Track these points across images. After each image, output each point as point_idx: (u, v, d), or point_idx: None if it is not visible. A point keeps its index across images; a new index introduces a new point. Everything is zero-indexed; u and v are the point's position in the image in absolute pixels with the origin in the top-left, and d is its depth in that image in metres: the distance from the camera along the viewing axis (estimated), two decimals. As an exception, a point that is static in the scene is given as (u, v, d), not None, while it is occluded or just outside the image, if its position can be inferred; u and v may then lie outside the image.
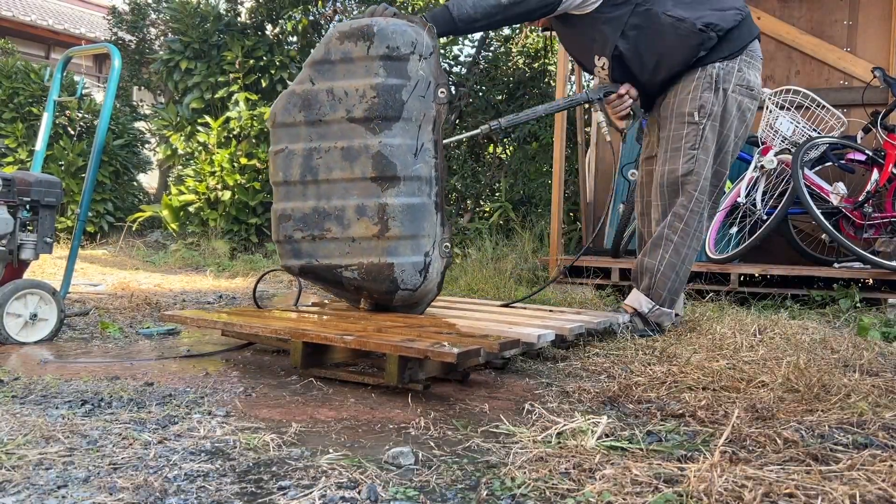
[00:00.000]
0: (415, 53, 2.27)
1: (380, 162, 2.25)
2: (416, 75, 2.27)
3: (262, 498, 1.12)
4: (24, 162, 6.72)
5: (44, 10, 14.07)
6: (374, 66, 2.25)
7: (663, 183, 2.57)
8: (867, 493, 1.11)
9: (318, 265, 2.36)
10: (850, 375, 1.95)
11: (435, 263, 2.33)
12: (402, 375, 1.79)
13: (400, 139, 2.26)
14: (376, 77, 2.25)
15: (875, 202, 3.86)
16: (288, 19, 7.12)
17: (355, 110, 2.27)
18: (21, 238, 2.44)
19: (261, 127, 6.62)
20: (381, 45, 2.25)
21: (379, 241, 2.27)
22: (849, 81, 4.58)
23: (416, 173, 2.27)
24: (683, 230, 2.54)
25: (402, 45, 2.25)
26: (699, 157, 2.51)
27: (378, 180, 2.26)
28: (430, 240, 2.31)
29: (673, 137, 2.56)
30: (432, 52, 2.31)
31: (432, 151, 2.31)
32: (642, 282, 2.63)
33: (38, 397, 1.69)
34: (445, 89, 2.32)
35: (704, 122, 2.51)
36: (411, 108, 2.26)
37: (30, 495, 1.09)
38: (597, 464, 1.25)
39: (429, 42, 2.31)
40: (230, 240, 6.59)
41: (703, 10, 2.47)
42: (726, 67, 2.52)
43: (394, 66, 2.25)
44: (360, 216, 2.28)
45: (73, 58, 2.97)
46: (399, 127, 2.26)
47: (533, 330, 2.03)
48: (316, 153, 2.33)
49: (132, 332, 2.68)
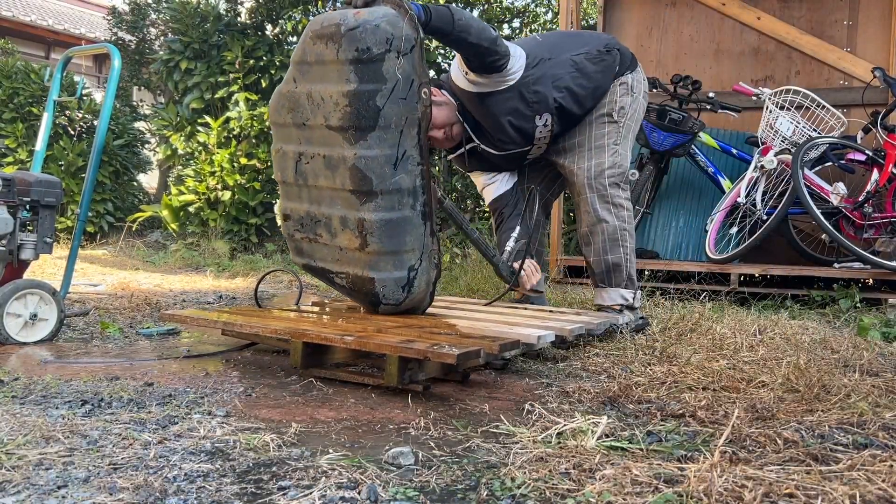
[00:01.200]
0: (391, 51, 2.01)
1: (356, 175, 2.09)
2: (392, 76, 2.03)
3: (262, 498, 1.12)
4: (24, 162, 6.72)
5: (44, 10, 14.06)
6: (345, 72, 2.03)
7: (591, 177, 2.67)
8: (867, 493, 1.11)
9: (316, 267, 2.36)
10: (850, 375, 1.95)
11: (422, 276, 2.23)
12: (402, 376, 1.79)
13: (377, 150, 2.07)
14: (348, 83, 2.03)
15: (875, 202, 3.86)
16: (288, 19, 7.11)
17: (331, 118, 2.09)
18: (21, 238, 2.44)
19: (261, 127, 6.62)
20: (350, 48, 2.00)
21: (361, 254, 2.19)
22: (849, 81, 4.57)
23: (396, 186, 2.10)
24: (628, 217, 2.70)
25: (373, 44, 1.99)
26: (621, 152, 2.71)
27: (356, 193, 2.12)
28: (415, 254, 2.19)
29: (595, 136, 2.72)
30: (413, 46, 2.05)
31: (416, 158, 2.12)
32: (615, 278, 2.68)
33: (38, 397, 1.69)
34: (427, 88, 2.10)
35: (623, 121, 2.72)
36: (389, 114, 2.04)
37: (30, 495, 1.09)
38: (597, 464, 1.25)
39: (409, 34, 2.03)
40: (230, 240, 6.59)
41: (592, 43, 2.74)
42: (636, 76, 2.78)
43: (366, 70, 2.01)
44: (344, 227, 2.19)
45: (73, 58, 2.97)
46: (375, 137, 2.06)
47: (533, 331, 2.03)
48: (304, 157, 2.22)
49: (132, 333, 2.68)
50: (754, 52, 4.86)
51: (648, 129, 4.19)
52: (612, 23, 5.24)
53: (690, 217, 4.57)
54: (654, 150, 4.22)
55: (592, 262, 2.72)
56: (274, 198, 7.16)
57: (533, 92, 2.55)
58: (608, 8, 5.24)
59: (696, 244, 4.48)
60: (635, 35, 5.18)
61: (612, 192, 2.66)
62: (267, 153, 6.63)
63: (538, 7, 7.87)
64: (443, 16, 2.23)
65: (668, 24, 5.10)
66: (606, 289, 2.70)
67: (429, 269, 2.24)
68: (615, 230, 2.66)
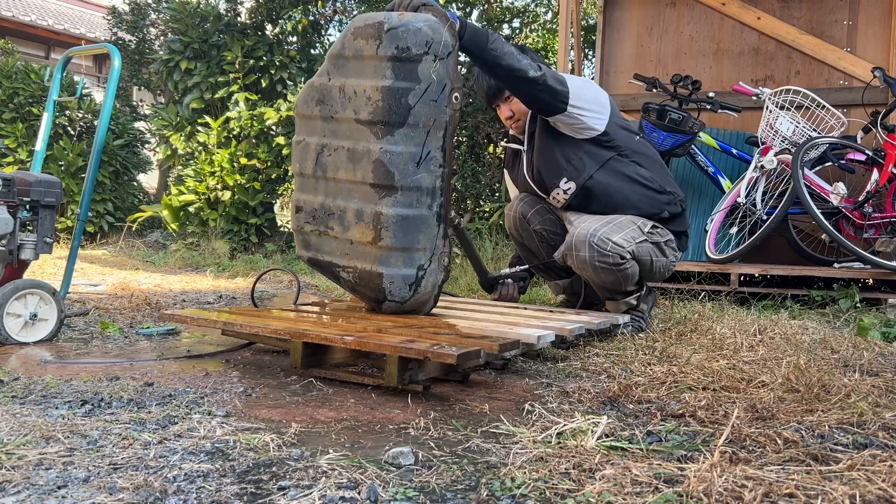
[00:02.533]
0: (429, 54, 2.11)
1: (378, 169, 2.15)
2: (427, 78, 2.12)
3: (261, 498, 1.12)
4: (24, 162, 6.72)
5: (44, 10, 14.07)
6: (382, 67, 2.12)
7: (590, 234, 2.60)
8: (867, 493, 1.11)
9: (321, 260, 2.36)
10: (850, 375, 1.95)
11: (430, 277, 2.25)
12: (402, 376, 1.79)
13: (403, 146, 2.14)
14: (383, 79, 2.12)
15: (875, 202, 3.86)
16: (288, 19, 7.12)
17: (361, 112, 2.17)
18: (21, 238, 2.44)
19: (261, 127, 6.62)
20: (391, 46, 2.10)
21: (372, 248, 2.21)
22: (849, 81, 4.58)
23: (416, 184, 2.16)
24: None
25: (413, 45, 2.10)
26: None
27: (376, 187, 2.17)
28: (425, 253, 2.22)
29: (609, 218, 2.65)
30: (450, 53, 2.14)
31: (440, 160, 2.18)
32: (619, 293, 2.66)
33: (38, 397, 1.69)
34: (460, 93, 2.18)
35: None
36: (419, 113, 2.13)
37: (30, 495, 1.09)
38: (597, 464, 1.25)
39: (448, 40, 2.14)
40: (230, 240, 6.60)
41: (666, 177, 2.71)
42: (675, 248, 2.70)
43: (403, 68, 2.11)
44: (358, 220, 2.22)
45: (73, 58, 2.97)
46: (402, 133, 2.14)
47: (533, 331, 2.03)
48: (326, 150, 2.27)
49: (132, 333, 2.68)
50: (754, 52, 4.86)
51: (648, 129, 4.19)
52: (612, 23, 5.23)
53: (690, 217, 4.56)
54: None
55: (593, 289, 2.73)
56: (274, 198, 7.16)
57: (579, 157, 2.58)
58: (608, 8, 5.24)
59: (696, 244, 4.48)
60: (635, 35, 5.18)
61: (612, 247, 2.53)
62: (267, 153, 6.64)
63: (538, 7, 7.87)
64: (479, 35, 2.28)
65: (668, 24, 5.10)
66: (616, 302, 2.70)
67: (437, 271, 2.26)
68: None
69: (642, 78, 4.41)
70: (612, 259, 2.48)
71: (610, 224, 2.54)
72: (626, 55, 5.21)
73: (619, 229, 2.53)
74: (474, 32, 2.27)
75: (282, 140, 6.54)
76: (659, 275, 2.68)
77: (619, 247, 2.48)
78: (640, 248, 2.55)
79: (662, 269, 2.67)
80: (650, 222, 2.63)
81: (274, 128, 6.77)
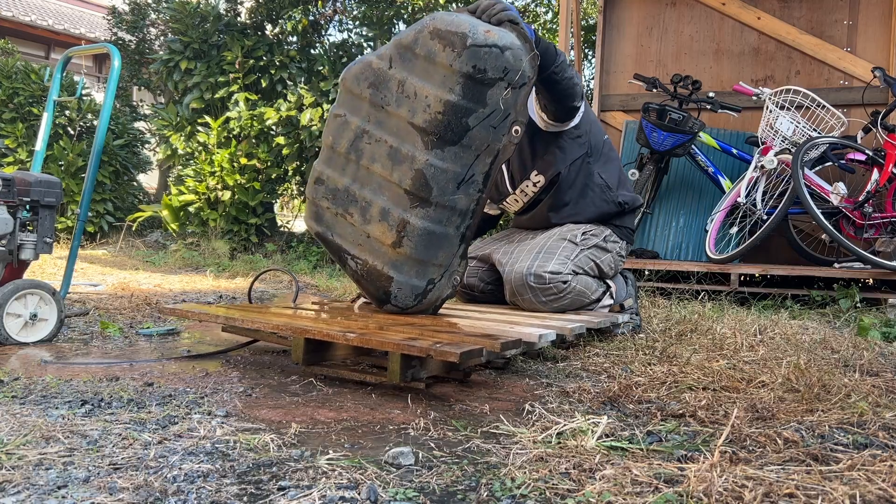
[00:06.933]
0: (503, 80, 2.03)
1: (418, 179, 2.09)
2: (494, 104, 2.04)
3: (261, 498, 1.12)
4: (24, 162, 6.72)
5: (44, 10, 14.07)
6: (453, 81, 2.03)
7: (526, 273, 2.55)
8: (867, 493, 1.11)
9: (331, 241, 2.30)
10: (850, 375, 1.95)
11: (437, 291, 2.22)
12: (404, 374, 1.79)
13: (449, 164, 2.08)
14: (450, 93, 2.03)
15: (875, 202, 3.86)
16: (288, 19, 7.11)
17: (417, 116, 2.08)
18: (21, 238, 2.44)
19: (261, 127, 6.62)
20: (469, 63, 2.00)
21: (389, 250, 2.18)
22: (849, 81, 4.58)
23: (452, 204, 2.11)
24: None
25: (491, 69, 2.01)
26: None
27: (410, 195, 2.11)
28: (439, 269, 2.19)
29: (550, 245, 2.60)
30: (524, 84, 2.06)
31: (479, 184, 2.12)
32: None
33: (38, 397, 1.69)
34: (521, 127, 2.10)
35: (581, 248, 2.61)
36: (475, 136, 2.06)
37: (30, 495, 1.09)
38: (597, 464, 1.25)
39: (526, 72, 2.05)
40: (230, 240, 6.60)
41: (623, 187, 2.70)
42: (616, 239, 2.67)
43: (474, 89, 2.03)
44: (382, 219, 2.16)
45: (73, 58, 2.97)
46: (453, 152, 2.07)
47: (534, 330, 2.03)
48: (367, 137, 2.17)
49: (132, 333, 2.68)
50: (754, 52, 4.86)
51: (648, 129, 4.19)
52: (612, 23, 5.24)
53: (690, 217, 4.57)
54: (654, 149, 4.23)
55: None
56: (274, 198, 7.16)
57: (551, 151, 2.53)
58: (608, 8, 5.24)
59: (696, 244, 4.48)
60: (635, 35, 5.18)
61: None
62: (267, 153, 6.63)
63: (538, 7, 7.87)
64: (547, 55, 2.19)
65: (668, 24, 5.10)
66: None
67: (446, 286, 2.24)
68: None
69: (642, 78, 4.41)
70: (555, 288, 2.44)
71: (541, 253, 2.49)
72: (626, 55, 5.21)
73: (550, 255, 2.48)
74: (544, 50, 2.18)
75: (281, 140, 6.54)
76: (613, 269, 2.67)
77: (556, 274, 2.43)
78: (580, 260, 2.51)
79: (613, 263, 2.65)
80: (581, 228, 2.59)
81: (274, 128, 6.77)
